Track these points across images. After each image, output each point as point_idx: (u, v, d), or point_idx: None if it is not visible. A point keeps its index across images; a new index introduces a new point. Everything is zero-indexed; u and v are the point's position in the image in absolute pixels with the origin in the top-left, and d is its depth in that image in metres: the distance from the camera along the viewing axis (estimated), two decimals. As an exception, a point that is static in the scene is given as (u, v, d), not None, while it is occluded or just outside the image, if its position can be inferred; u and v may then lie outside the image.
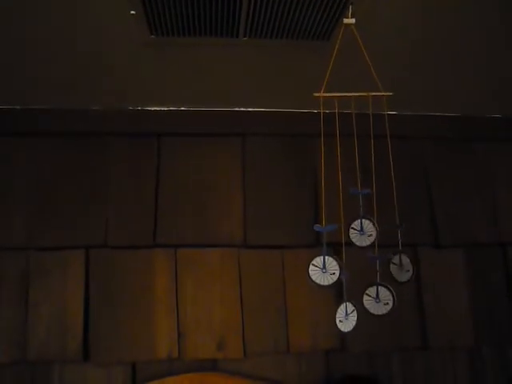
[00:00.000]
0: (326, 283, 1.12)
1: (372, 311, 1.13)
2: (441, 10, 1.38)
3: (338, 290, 1.79)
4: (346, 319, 1.13)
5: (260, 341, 1.79)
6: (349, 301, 1.14)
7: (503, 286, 1.91)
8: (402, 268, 1.14)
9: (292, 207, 1.91)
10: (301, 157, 1.97)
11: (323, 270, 1.12)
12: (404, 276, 1.14)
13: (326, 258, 1.12)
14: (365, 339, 1.79)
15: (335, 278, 1.11)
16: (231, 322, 1.79)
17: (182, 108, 1.95)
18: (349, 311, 1.14)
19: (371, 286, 1.14)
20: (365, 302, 1.14)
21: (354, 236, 1.12)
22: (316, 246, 1.87)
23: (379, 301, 1.12)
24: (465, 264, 1.92)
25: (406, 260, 1.15)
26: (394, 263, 1.15)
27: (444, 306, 1.87)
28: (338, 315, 1.14)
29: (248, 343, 1.78)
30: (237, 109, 1.97)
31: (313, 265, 1.13)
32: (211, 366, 1.77)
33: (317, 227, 1.15)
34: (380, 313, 1.12)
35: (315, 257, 1.81)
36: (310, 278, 1.12)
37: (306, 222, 1.90)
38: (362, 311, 1.15)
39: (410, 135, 1.99)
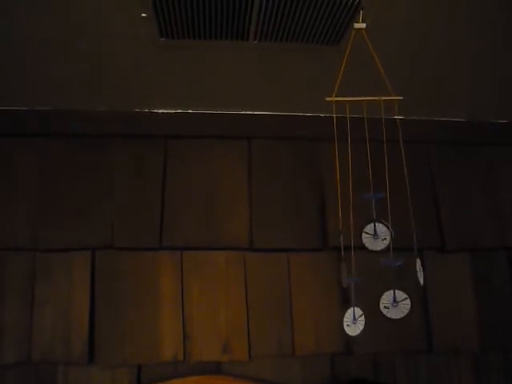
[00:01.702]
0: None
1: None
2: (448, 16, 1.40)
3: (343, 294, 1.82)
4: (353, 323, 1.14)
5: (265, 344, 1.78)
6: (356, 305, 1.14)
7: (508, 290, 1.92)
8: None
9: (298, 211, 1.91)
10: (306, 160, 1.98)
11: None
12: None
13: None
14: (370, 342, 1.78)
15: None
16: (236, 324, 1.79)
17: (189, 111, 1.95)
18: (357, 316, 1.14)
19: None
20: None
21: (367, 240, 1.11)
22: (321, 249, 1.87)
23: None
24: (470, 268, 1.92)
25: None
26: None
27: (449, 309, 1.87)
28: (345, 319, 1.14)
29: (253, 346, 1.78)
30: (243, 112, 1.98)
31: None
32: (216, 368, 1.77)
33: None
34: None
35: (321, 260, 1.84)
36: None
37: (312, 225, 1.90)
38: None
39: (415, 140, 1.99)
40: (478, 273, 1.92)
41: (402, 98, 1.16)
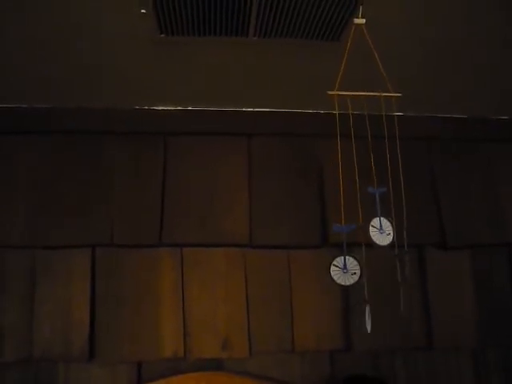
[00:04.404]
0: (348, 283, 1.11)
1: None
2: (449, 12, 1.39)
3: (344, 289, 1.82)
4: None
5: (265, 340, 1.79)
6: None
7: (508, 287, 1.92)
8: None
9: (297, 207, 1.91)
10: (306, 157, 1.97)
11: (344, 270, 1.12)
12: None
13: (347, 258, 1.12)
14: (369, 339, 1.78)
15: (356, 277, 1.11)
16: (236, 321, 1.79)
17: (189, 107, 1.95)
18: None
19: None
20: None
21: (375, 234, 1.11)
22: (321, 246, 1.87)
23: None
24: (470, 265, 1.92)
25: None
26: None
27: (449, 306, 1.87)
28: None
29: (253, 343, 1.78)
30: (243, 109, 1.97)
31: (333, 265, 1.12)
32: (216, 365, 1.77)
33: (336, 227, 1.14)
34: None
35: (320, 257, 1.84)
36: (331, 278, 1.12)
37: (312, 222, 1.90)
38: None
39: (416, 136, 1.98)
40: (479, 269, 1.92)
41: (400, 94, 1.16)
